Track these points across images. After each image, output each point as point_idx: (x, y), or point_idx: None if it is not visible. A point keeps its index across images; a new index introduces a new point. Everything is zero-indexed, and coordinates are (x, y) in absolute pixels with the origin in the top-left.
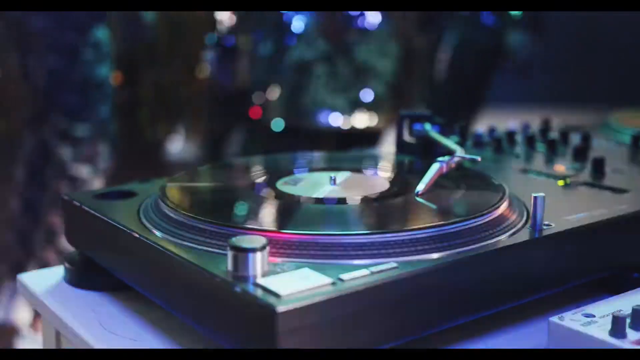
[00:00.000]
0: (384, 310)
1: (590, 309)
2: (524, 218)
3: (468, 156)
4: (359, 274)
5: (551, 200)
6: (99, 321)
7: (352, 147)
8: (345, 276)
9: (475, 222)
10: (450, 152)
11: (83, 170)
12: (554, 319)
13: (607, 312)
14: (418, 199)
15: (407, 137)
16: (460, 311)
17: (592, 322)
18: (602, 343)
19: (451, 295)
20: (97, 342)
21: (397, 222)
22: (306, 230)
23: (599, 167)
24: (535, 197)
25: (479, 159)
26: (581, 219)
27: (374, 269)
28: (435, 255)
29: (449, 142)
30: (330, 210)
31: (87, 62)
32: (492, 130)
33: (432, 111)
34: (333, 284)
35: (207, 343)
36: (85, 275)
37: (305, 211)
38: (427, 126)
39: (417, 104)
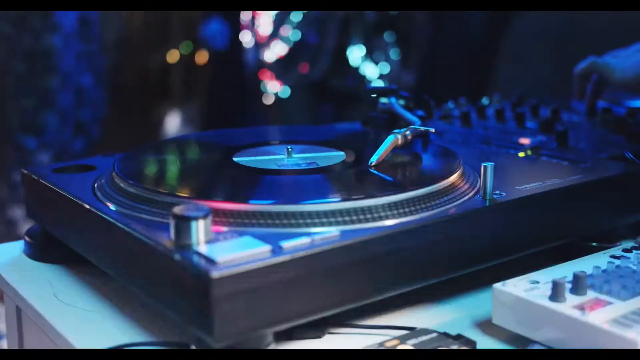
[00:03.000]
0: (325, 278)
1: (535, 275)
2: (477, 188)
3: (423, 128)
4: (300, 241)
5: (508, 171)
6: (54, 293)
7: None
8: (286, 244)
9: (423, 191)
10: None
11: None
12: (498, 285)
13: (552, 279)
14: (371, 169)
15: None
16: (407, 278)
17: (535, 288)
18: (541, 308)
19: (397, 263)
20: (52, 314)
21: (345, 192)
22: (251, 200)
23: (562, 138)
24: (484, 167)
25: (432, 130)
26: (533, 188)
27: (316, 237)
28: (380, 224)
29: (410, 115)
30: (281, 180)
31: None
32: (462, 104)
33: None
34: (272, 251)
35: (161, 314)
36: (45, 248)
37: (255, 181)
38: (392, 100)
39: None
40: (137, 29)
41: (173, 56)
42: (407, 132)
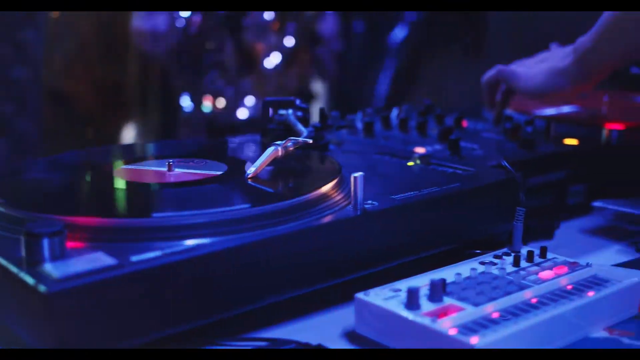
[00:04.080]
0: (177, 292)
1: (399, 284)
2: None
3: (301, 139)
4: (151, 255)
5: (392, 180)
6: None
7: None
8: (135, 258)
9: (291, 202)
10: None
11: None
12: (360, 294)
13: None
14: (249, 181)
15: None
16: (273, 290)
17: (395, 296)
18: (396, 316)
19: (260, 275)
20: None
21: (210, 204)
22: (106, 215)
23: (454, 147)
24: (353, 177)
25: (310, 141)
26: (406, 198)
27: (169, 250)
28: (242, 236)
29: (301, 127)
30: (147, 194)
31: None
32: (367, 114)
33: None
34: (116, 266)
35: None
36: None
37: (122, 196)
38: (289, 112)
39: None
40: (92, 39)
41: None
42: (288, 144)
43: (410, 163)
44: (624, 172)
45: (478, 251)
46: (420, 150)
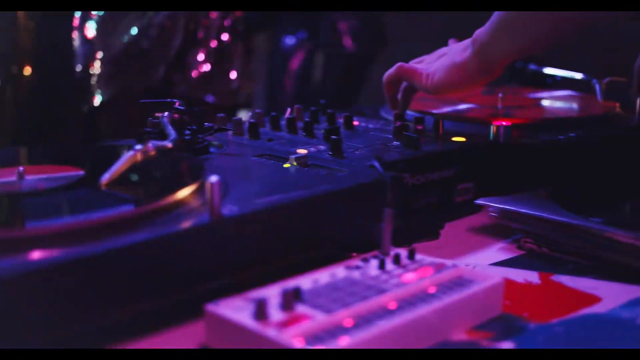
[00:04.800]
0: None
1: (255, 293)
2: None
3: (161, 142)
4: None
5: (263, 183)
6: None
7: None
8: None
9: (144, 209)
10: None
11: None
12: (210, 305)
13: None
14: (103, 188)
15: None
16: (119, 304)
17: (246, 306)
18: (243, 327)
19: (103, 289)
20: None
21: (53, 213)
22: None
23: (335, 147)
24: (208, 182)
25: (169, 145)
26: (269, 201)
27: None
28: (86, 247)
29: (171, 130)
30: None
31: None
32: (256, 115)
33: None
34: None
35: None
36: None
37: None
38: (164, 114)
39: None
40: None
41: None
42: (148, 148)
43: (287, 165)
44: (511, 169)
45: (354, 254)
46: (302, 151)
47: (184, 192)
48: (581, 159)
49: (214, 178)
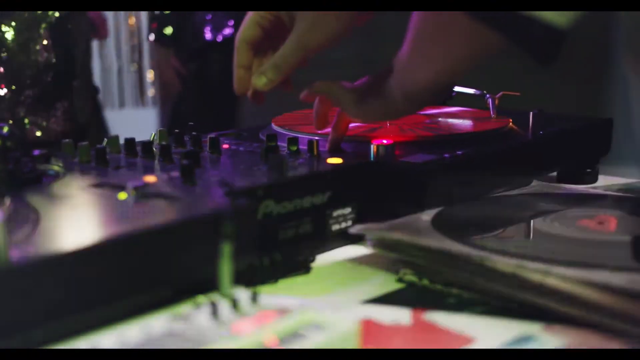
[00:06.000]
0: None
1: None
2: None
3: None
4: None
5: (79, 218)
6: None
7: None
8: None
9: None
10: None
11: None
12: None
13: None
14: None
15: None
16: None
17: None
18: None
19: None
20: None
21: None
22: None
23: (186, 173)
24: None
25: None
26: (76, 242)
27: None
28: None
29: None
30: None
31: None
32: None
33: None
34: None
35: None
36: None
37: None
38: None
39: None
40: None
41: None
42: None
43: (122, 195)
44: (394, 192)
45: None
46: (150, 178)
47: None
48: (470, 177)
49: None
